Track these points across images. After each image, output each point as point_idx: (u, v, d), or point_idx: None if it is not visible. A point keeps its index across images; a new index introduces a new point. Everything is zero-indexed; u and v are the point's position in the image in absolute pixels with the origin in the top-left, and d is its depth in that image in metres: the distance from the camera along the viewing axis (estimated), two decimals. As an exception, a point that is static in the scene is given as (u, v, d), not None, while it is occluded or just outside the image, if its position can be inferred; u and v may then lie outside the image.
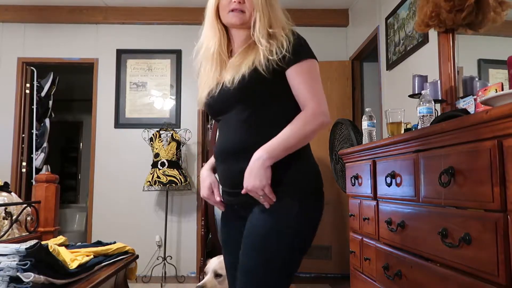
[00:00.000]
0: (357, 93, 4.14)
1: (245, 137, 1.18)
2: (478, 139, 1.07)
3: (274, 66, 1.16)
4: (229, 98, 1.20)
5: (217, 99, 1.25)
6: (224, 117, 1.25)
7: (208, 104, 1.29)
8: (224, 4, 1.25)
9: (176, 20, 4.25)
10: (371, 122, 2.13)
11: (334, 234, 3.93)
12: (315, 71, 1.22)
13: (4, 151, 4.11)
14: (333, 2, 4.12)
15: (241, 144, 1.18)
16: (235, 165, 1.19)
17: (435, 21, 2.05)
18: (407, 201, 1.50)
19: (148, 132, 4.02)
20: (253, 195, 1.12)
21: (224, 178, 1.27)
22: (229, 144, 1.21)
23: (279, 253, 1.13)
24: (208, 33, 1.32)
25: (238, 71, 1.18)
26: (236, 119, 1.20)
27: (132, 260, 2.39)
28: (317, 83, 1.21)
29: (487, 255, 1.02)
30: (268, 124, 1.18)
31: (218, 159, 1.28)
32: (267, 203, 1.14)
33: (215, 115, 1.31)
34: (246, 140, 1.18)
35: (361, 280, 2.00)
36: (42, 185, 2.63)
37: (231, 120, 1.22)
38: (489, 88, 1.60)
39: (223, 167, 1.25)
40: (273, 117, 1.19)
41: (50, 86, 4.52)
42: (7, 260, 1.52)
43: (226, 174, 1.25)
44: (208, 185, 1.31)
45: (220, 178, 1.29)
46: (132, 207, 4.08)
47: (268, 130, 1.16)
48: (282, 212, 1.14)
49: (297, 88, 1.19)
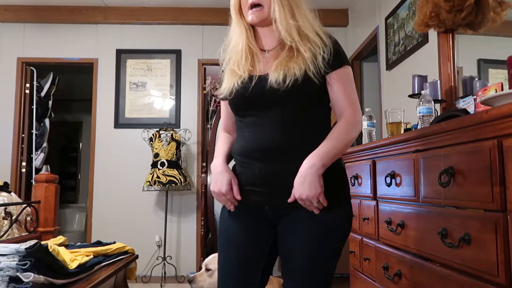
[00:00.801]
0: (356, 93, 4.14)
1: (290, 137, 1.17)
2: (478, 139, 1.07)
3: (320, 70, 1.17)
4: (276, 97, 1.16)
5: (256, 93, 1.19)
6: (261, 114, 1.20)
7: (241, 94, 1.21)
8: (243, 1, 1.24)
9: (176, 20, 4.25)
10: (371, 122, 2.13)
11: (334, 234, 3.92)
12: (352, 78, 1.25)
13: (4, 151, 4.11)
14: (333, 2, 4.13)
15: (286, 143, 1.16)
16: (277, 164, 1.16)
17: (435, 21, 2.05)
18: (407, 201, 1.50)
19: (148, 132, 4.02)
20: (306, 203, 1.13)
21: (257, 177, 1.19)
22: (271, 142, 1.16)
23: (333, 251, 1.19)
24: (235, 28, 1.28)
25: (287, 72, 1.15)
26: (279, 118, 1.17)
27: (132, 260, 2.39)
28: (354, 91, 1.24)
29: (487, 255, 1.02)
30: (311, 127, 1.19)
31: (250, 157, 1.21)
32: (317, 210, 1.14)
33: (247, 109, 1.23)
34: (290, 140, 1.17)
35: (361, 280, 2.00)
36: (41, 185, 2.63)
37: (271, 118, 1.18)
38: (489, 88, 1.60)
39: (259, 165, 1.18)
40: (315, 119, 1.21)
41: (50, 86, 4.52)
42: (7, 260, 1.52)
43: (261, 173, 1.18)
44: (228, 180, 1.21)
45: (249, 176, 1.21)
46: (132, 207, 4.08)
47: (311, 132, 1.18)
48: (335, 214, 1.18)
49: (337, 94, 1.21)
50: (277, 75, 1.15)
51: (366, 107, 2.39)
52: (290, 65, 1.15)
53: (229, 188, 1.21)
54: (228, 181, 1.21)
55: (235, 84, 1.23)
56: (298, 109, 1.18)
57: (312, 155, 1.12)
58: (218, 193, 1.23)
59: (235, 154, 1.27)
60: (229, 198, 1.22)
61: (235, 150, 1.27)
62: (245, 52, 1.24)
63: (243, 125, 1.25)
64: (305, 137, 1.17)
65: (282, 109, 1.17)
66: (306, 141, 1.16)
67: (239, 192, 1.22)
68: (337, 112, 1.22)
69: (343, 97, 1.20)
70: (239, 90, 1.22)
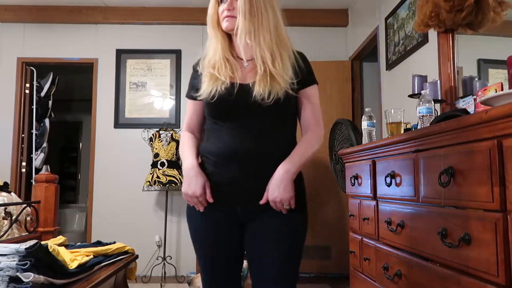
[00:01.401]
0: (356, 93, 4.15)
1: (266, 144, 1.27)
2: (478, 139, 1.07)
3: (297, 87, 1.30)
4: (260, 109, 1.24)
5: (241, 102, 1.27)
6: (242, 121, 1.28)
7: (225, 100, 1.27)
8: (220, 12, 1.33)
9: (176, 20, 4.25)
10: (371, 122, 2.13)
11: (333, 234, 3.93)
12: (318, 96, 1.39)
13: (4, 151, 4.11)
14: (332, 2, 4.12)
15: (263, 149, 1.27)
16: (252, 168, 1.26)
17: (435, 21, 2.05)
18: (406, 201, 1.50)
19: (148, 132, 4.02)
20: (277, 206, 1.24)
21: (232, 178, 1.27)
22: (250, 148, 1.25)
23: (300, 252, 1.33)
24: (212, 39, 1.37)
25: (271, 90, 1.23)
26: (260, 127, 1.27)
27: (131, 260, 2.39)
28: (319, 108, 1.38)
29: (486, 255, 1.02)
30: (284, 136, 1.33)
31: (227, 159, 1.27)
32: (285, 211, 1.26)
33: (229, 114, 1.29)
34: (266, 147, 1.27)
35: (360, 280, 2.00)
36: (41, 185, 2.63)
37: (252, 126, 1.27)
38: (489, 88, 1.60)
39: (236, 168, 1.26)
40: (287, 130, 1.34)
41: (49, 86, 4.51)
42: (6, 260, 1.52)
43: (238, 175, 1.26)
44: (202, 183, 1.28)
45: (224, 177, 1.28)
46: (132, 207, 4.08)
47: (284, 141, 1.32)
48: (299, 218, 1.32)
49: (307, 110, 1.34)
50: (261, 90, 1.23)
51: (366, 107, 2.40)
52: (273, 84, 1.24)
53: (203, 191, 1.27)
54: (202, 184, 1.28)
55: (217, 89, 1.28)
56: (277, 121, 1.29)
57: (286, 162, 1.25)
58: (191, 195, 1.28)
59: (208, 154, 1.32)
60: (201, 201, 1.29)
61: (208, 150, 1.32)
62: (224, 60, 1.31)
63: (221, 128, 1.30)
64: (278, 145, 1.29)
65: (263, 120, 1.27)
66: (279, 149, 1.29)
67: (211, 195, 1.29)
68: (305, 125, 1.36)
69: (312, 114, 1.34)
70: (222, 95, 1.28)
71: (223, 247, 1.33)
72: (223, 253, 1.34)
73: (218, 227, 1.32)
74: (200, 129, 1.43)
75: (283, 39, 1.31)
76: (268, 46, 1.27)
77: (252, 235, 1.31)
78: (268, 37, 1.27)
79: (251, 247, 1.32)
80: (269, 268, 1.27)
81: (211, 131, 1.35)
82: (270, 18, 1.29)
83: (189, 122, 1.43)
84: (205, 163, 1.33)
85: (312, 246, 3.93)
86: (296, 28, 4.18)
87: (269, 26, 1.28)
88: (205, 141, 1.37)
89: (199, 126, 1.43)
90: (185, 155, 1.35)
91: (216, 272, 1.35)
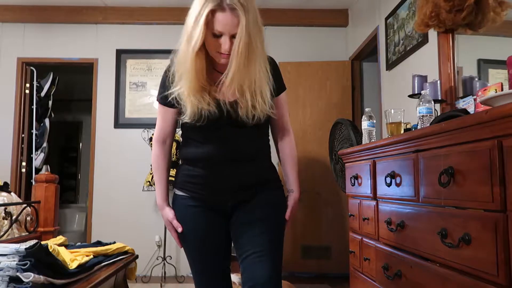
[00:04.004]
0: (356, 93, 4.14)
1: (252, 148, 1.40)
2: (478, 139, 1.07)
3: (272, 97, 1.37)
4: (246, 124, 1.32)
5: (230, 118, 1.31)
6: (231, 131, 1.34)
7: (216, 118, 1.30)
8: (212, 42, 1.25)
9: (176, 20, 4.24)
10: (371, 122, 2.13)
11: (333, 234, 3.93)
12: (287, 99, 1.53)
13: (4, 151, 4.11)
14: (333, 2, 4.12)
15: (250, 153, 1.40)
16: (242, 169, 1.38)
17: (435, 21, 2.05)
18: (406, 201, 1.51)
19: (148, 132, 4.02)
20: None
21: (225, 179, 1.37)
22: (240, 153, 1.37)
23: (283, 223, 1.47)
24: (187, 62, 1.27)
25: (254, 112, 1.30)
26: (246, 135, 1.37)
27: (131, 260, 2.39)
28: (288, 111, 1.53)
29: (486, 255, 1.02)
30: (264, 140, 1.46)
31: (218, 163, 1.36)
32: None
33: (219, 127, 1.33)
34: (252, 151, 1.40)
35: (360, 280, 2.00)
36: (41, 185, 2.63)
37: (240, 134, 1.35)
38: (489, 88, 1.60)
39: (228, 170, 1.36)
40: (265, 135, 1.47)
41: (49, 86, 4.51)
42: (6, 260, 1.52)
43: (231, 175, 1.36)
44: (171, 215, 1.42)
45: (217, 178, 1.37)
46: (132, 207, 4.08)
47: (264, 144, 1.46)
48: (283, 202, 1.47)
49: (281, 113, 1.46)
50: (246, 113, 1.31)
51: (366, 107, 2.39)
52: (256, 106, 1.30)
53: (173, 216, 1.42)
54: (171, 215, 1.42)
55: (204, 113, 1.29)
56: (259, 130, 1.41)
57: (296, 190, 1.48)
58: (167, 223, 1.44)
59: (197, 160, 1.38)
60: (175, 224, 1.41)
61: (197, 156, 1.38)
62: (203, 87, 1.29)
63: (210, 135, 1.35)
64: (260, 149, 1.44)
65: (250, 131, 1.36)
66: (261, 151, 1.45)
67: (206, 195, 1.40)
68: (279, 129, 1.49)
69: (284, 119, 1.49)
70: (211, 117, 1.30)
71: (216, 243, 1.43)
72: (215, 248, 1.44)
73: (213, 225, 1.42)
74: (172, 136, 1.47)
75: (266, 65, 1.31)
76: (253, 87, 1.28)
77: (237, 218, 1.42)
78: (255, 79, 1.27)
79: (242, 217, 1.41)
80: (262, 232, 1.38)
81: (200, 137, 1.37)
82: (259, 56, 1.26)
83: (164, 131, 1.44)
84: (189, 168, 1.41)
85: (312, 246, 3.93)
86: (296, 28, 4.19)
87: (260, 68, 1.27)
88: (188, 147, 1.41)
89: (173, 133, 1.47)
90: (157, 189, 1.46)
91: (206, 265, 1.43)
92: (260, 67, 1.28)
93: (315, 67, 4.06)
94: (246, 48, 1.21)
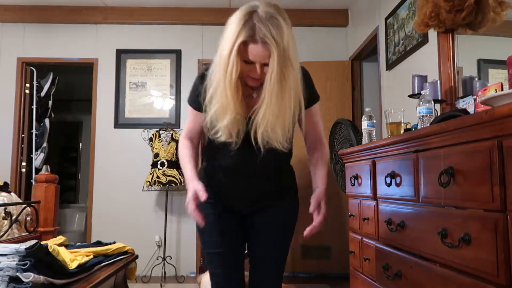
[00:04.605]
0: (356, 93, 4.14)
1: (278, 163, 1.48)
2: (478, 139, 1.07)
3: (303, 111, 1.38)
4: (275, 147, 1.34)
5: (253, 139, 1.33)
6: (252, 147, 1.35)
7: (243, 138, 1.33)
8: (243, 67, 1.27)
9: (176, 20, 4.25)
10: (371, 122, 2.13)
11: (333, 234, 3.93)
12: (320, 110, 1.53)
13: (4, 151, 4.11)
14: (333, 2, 4.13)
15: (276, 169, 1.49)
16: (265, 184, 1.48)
17: (435, 21, 2.05)
18: (406, 201, 1.50)
19: (148, 132, 4.02)
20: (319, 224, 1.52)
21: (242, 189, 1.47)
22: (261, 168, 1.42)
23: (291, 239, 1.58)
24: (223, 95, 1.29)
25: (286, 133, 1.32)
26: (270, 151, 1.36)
27: (131, 260, 2.39)
28: (321, 122, 1.53)
29: (486, 255, 1.02)
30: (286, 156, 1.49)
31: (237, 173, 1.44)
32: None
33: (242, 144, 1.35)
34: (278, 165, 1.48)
35: (360, 280, 2.00)
36: (41, 185, 2.63)
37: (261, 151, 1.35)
38: (489, 88, 1.60)
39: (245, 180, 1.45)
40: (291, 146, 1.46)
41: (49, 86, 4.52)
42: (6, 260, 1.52)
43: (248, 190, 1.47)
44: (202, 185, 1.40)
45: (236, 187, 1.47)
46: (132, 207, 4.08)
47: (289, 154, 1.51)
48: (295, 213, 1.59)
49: (315, 124, 1.49)
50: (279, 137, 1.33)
51: (366, 107, 2.39)
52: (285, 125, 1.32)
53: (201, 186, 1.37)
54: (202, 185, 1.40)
55: (236, 133, 1.33)
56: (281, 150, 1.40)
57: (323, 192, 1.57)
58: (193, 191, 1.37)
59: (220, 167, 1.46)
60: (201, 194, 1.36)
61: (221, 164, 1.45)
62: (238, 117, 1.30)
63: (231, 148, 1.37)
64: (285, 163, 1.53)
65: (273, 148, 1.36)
66: (285, 165, 1.53)
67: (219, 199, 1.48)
68: (312, 138, 1.52)
69: (320, 128, 1.51)
70: (240, 135, 1.34)
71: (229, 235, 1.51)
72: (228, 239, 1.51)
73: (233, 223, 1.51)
74: (200, 136, 1.53)
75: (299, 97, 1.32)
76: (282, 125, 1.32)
77: (252, 225, 1.53)
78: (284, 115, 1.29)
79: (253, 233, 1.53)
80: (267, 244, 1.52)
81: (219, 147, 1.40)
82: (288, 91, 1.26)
83: (191, 131, 1.51)
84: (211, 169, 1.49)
85: (312, 246, 3.93)
86: (296, 28, 4.14)
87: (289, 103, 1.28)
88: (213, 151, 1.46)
89: (200, 134, 1.53)
90: (186, 169, 1.44)
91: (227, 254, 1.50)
92: (289, 101, 1.28)
93: (315, 67, 4.05)
94: (278, 81, 1.23)
